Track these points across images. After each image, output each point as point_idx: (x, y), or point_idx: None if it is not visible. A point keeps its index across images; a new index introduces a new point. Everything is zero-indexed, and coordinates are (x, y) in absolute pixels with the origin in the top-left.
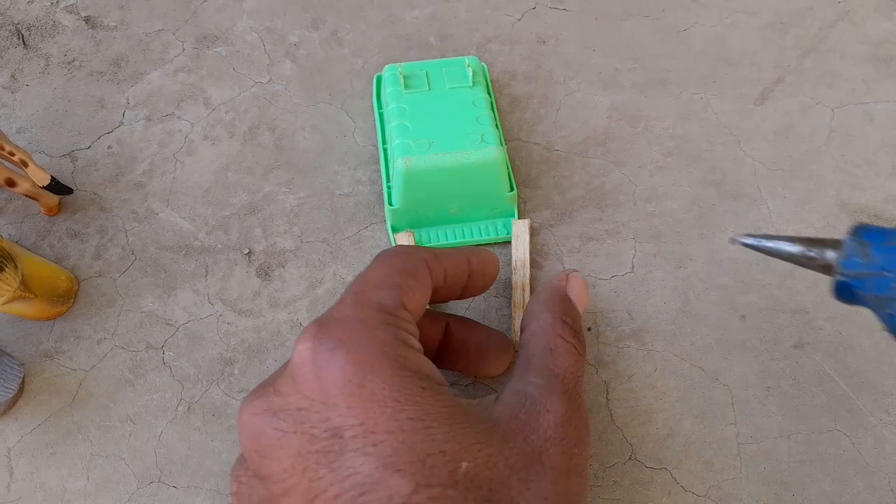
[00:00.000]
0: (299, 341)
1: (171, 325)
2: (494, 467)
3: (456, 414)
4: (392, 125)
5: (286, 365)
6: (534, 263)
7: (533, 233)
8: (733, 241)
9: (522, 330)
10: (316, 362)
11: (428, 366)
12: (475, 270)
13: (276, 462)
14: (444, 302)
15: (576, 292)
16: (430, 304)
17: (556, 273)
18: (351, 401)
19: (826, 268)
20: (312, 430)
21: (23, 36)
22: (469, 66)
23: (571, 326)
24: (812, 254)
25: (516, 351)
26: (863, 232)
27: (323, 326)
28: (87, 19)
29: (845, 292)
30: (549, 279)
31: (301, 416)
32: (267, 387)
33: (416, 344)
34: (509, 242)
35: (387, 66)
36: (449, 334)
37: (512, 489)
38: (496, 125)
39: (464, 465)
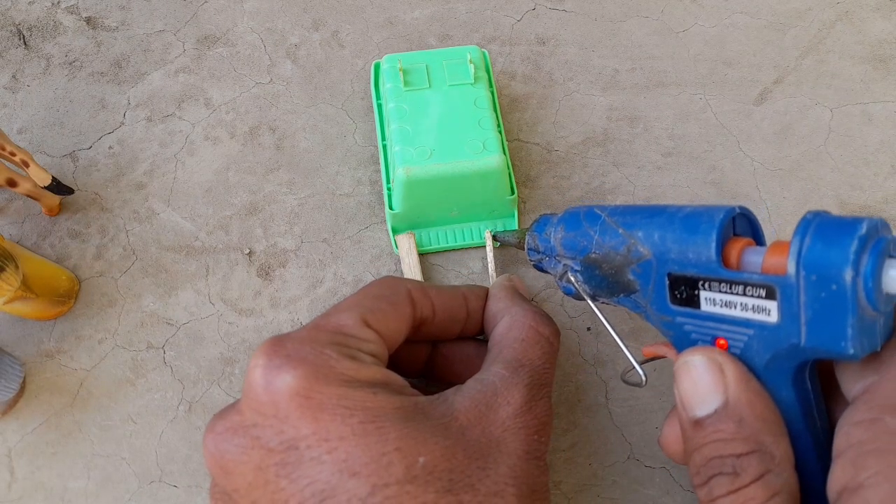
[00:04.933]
0: (251, 359)
1: (172, 324)
2: (453, 458)
3: (411, 412)
4: (392, 127)
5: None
6: None
7: None
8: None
9: (490, 331)
10: (265, 377)
11: (384, 375)
12: (474, 309)
13: (241, 477)
14: (444, 338)
15: (523, 291)
16: (426, 339)
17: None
18: (301, 412)
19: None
20: (269, 443)
21: (24, 36)
22: (470, 60)
23: (546, 317)
24: (522, 243)
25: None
26: (535, 225)
27: (275, 344)
28: (88, 20)
29: (540, 270)
30: (497, 282)
31: (257, 431)
32: (229, 408)
33: (367, 358)
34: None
35: (386, 57)
36: (436, 350)
37: (471, 476)
38: (498, 126)
39: (421, 459)
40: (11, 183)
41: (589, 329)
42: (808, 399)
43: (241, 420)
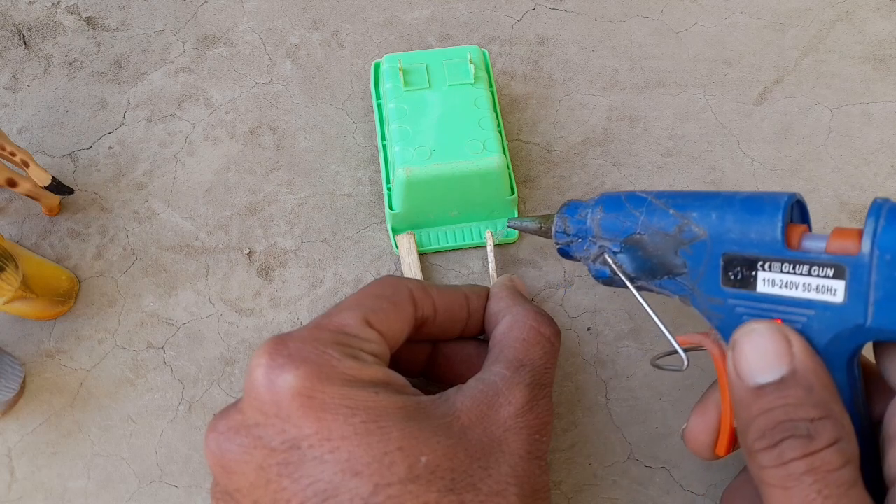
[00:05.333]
0: (253, 358)
1: (172, 324)
2: (455, 457)
3: (412, 412)
4: (392, 127)
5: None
6: (533, 264)
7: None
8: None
9: (491, 331)
10: (268, 377)
11: (386, 375)
12: (475, 309)
13: (243, 476)
14: (445, 338)
15: (523, 291)
16: (427, 339)
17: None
18: (303, 412)
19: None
20: (271, 442)
21: (24, 36)
22: (470, 60)
23: (547, 317)
24: (544, 228)
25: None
26: (565, 208)
27: (277, 344)
28: (88, 20)
29: (565, 255)
30: (498, 282)
31: (259, 430)
32: (230, 407)
33: (369, 358)
34: (510, 243)
35: (385, 56)
36: (437, 350)
37: (473, 476)
38: (498, 126)
39: (423, 458)
40: (11, 183)
41: (589, 329)
42: (856, 384)
43: (242, 419)
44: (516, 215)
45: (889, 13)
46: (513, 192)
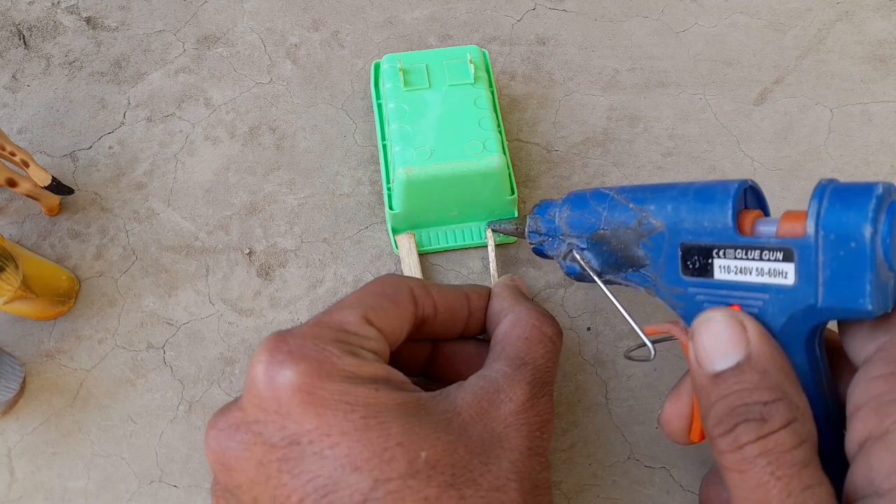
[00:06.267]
0: (254, 355)
1: (172, 324)
2: (455, 453)
3: (412, 408)
4: (392, 128)
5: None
6: (533, 264)
7: None
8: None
9: (493, 329)
10: (268, 373)
11: (385, 372)
12: (476, 308)
13: (243, 473)
14: (445, 338)
15: (525, 292)
16: (427, 338)
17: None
18: (303, 408)
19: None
20: (271, 439)
21: (24, 36)
22: (471, 60)
23: (549, 317)
24: (519, 229)
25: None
26: (536, 209)
27: (277, 341)
28: (88, 20)
29: (539, 254)
30: (500, 281)
31: (259, 426)
32: (230, 404)
33: (369, 355)
34: (509, 243)
35: (385, 57)
36: (438, 350)
37: (474, 471)
38: (498, 126)
39: (423, 454)
40: (11, 183)
41: (589, 329)
42: (818, 365)
43: (242, 416)
44: (516, 215)
45: (889, 13)
46: (513, 192)
